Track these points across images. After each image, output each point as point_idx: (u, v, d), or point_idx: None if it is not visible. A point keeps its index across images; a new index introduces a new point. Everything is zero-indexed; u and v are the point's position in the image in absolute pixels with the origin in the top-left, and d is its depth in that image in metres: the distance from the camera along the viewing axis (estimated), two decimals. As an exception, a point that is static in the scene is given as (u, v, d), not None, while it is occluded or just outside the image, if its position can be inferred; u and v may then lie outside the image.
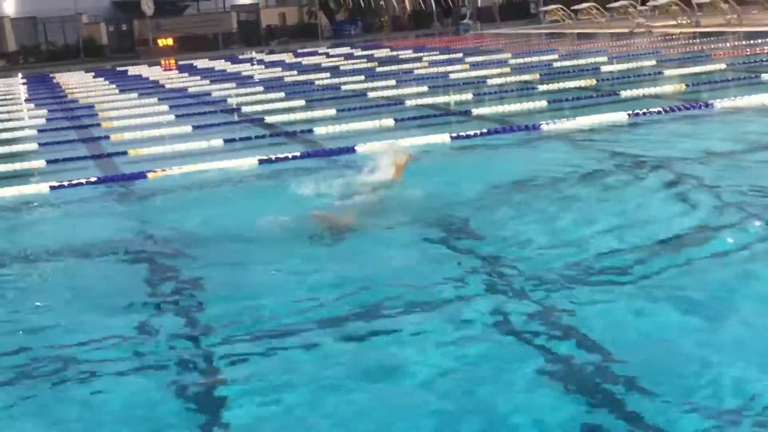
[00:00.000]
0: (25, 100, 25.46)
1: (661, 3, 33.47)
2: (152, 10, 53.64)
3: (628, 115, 12.28)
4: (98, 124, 17.39)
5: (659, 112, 12.46)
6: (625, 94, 14.87)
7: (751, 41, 22.69)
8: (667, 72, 17.68)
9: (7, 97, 27.14)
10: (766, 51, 20.02)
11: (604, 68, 19.89)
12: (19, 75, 39.01)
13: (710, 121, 12.04)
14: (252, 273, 6.80)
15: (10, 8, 56.86)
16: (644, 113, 12.36)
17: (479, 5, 51.92)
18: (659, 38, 28.11)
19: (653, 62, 19.96)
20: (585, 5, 39.36)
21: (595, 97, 15.49)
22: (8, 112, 22.01)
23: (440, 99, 17.14)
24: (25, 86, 31.63)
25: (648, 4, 33.91)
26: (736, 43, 23.42)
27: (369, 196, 8.49)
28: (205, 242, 7.83)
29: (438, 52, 30.39)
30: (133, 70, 35.69)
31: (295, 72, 27.07)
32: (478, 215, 7.97)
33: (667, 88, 15.31)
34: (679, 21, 31.96)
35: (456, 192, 8.93)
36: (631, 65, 19.85)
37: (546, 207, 8.13)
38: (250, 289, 6.40)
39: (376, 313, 5.61)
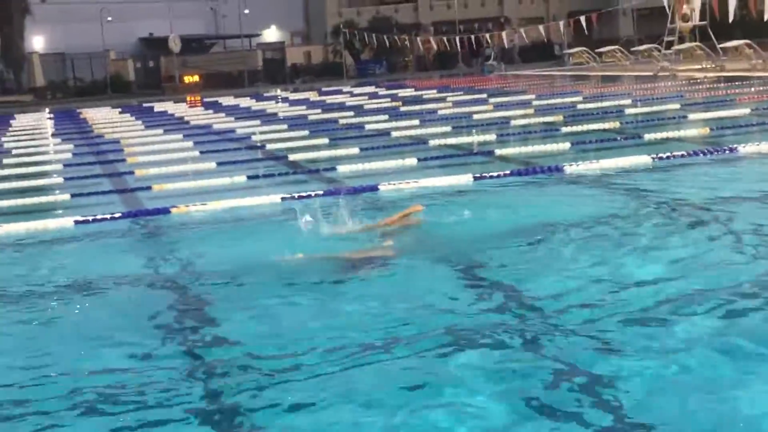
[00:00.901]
0: (52, 135, 25.70)
1: (685, 47, 33.53)
2: (179, 47, 54.21)
3: (652, 158, 12.26)
4: (123, 160, 17.53)
5: (683, 156, 12.43)
6: (648, 137, 14.86)
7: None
8: (691, 116, 17.67)
9: (35, 131, 27.41)
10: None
11: (628, 111, 19.88)
12: (47, 110, 39.42)
13: (734, 166, 12.00)
14: (274, 309, 6.80)
15: (39, 44, 57.60)
16: (668, 157, 12.34)
17: (504, 47, 52.13)
18: (683, 82, 28.12)
19: (677, 106, 19.97)
20: (609, 48, 39.50)
21: (619, 139, 15.47)
22: (35, 146, 22.23)
23: (463, 139, 17.17)
24: (52, 121, 31.93)
25: (672, 48, 33.95)
26: (761, 88, 23.38)
27: (389, 236, 8.50)
28: (227, 278, 7.84)
29: (462, 93, 30.51)
30: (159, 107, 36.01)
31: (319, 110, 27.22)
32: (498, 256, 7.95)
33: (691, 132, 15.28)
34: (703, 65, 31.98)
35: (477, 233, 8.93)
36: (655, 108, 19.87)
37: (567, 249, 8.11)
38: (272, 325, 6.40)
39: (393, 351, 5.60)
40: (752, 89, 23.33)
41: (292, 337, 6.02)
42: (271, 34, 66.80)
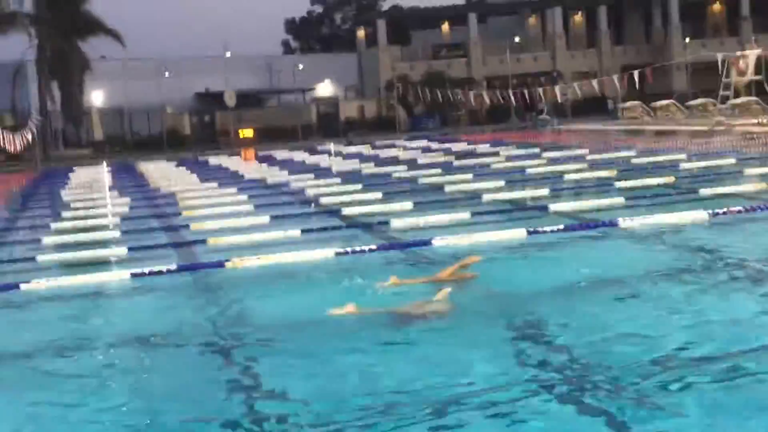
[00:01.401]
0: (110, 188, 26.07)
1: (741, 101, 33.30)
2: (234, 102, 54.95)
3: (708, 213, 12.13)
4: (179, 213, 17.70)
5: (740, 212, 12.29)
6: (704, 192, 14.72)
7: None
8: (748, 171, 17.47)
9: (93, 184, 27.85)
10: None
11: (684, 166, 19.73)
12: (105, 163, 40.04)
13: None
14: (327, 367, 6.79)
15: (98, 99, 58.73)
16: (724, 212, 12.20)
17: (557, 101, 52.13)
18: (739, 136, 27.86)
19: (733, 160, 19.77)
20: (664, 102, 39.33)
21: (674, 194, 15.35)
22: (93, 199, 22.57)
23: (517, 194, 17.13)
24: (110, 174, 32.41)
25: (728, 102, 33.73)
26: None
27: (443, 292, 8.48)
28: (280, 333, 7.88)
29: (515, 147, 30.49)
30: (214, 160, 36.43)
31: (373, 164, 27.34)
32: (552, 312, 7.90)
33: (748, 187, 15.11)
34: (759, 120, 31.70)
35: (531, 288, 8.89)
36: (710, 163, 19.70)
37: (622, 305, 8.04)
38: (325, 383, 6.40)
39: (446, 413, 5.56)
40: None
41: (347, 396, 5.99)
42: (325, 89, 67.50)
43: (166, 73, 59.78)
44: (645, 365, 6.16)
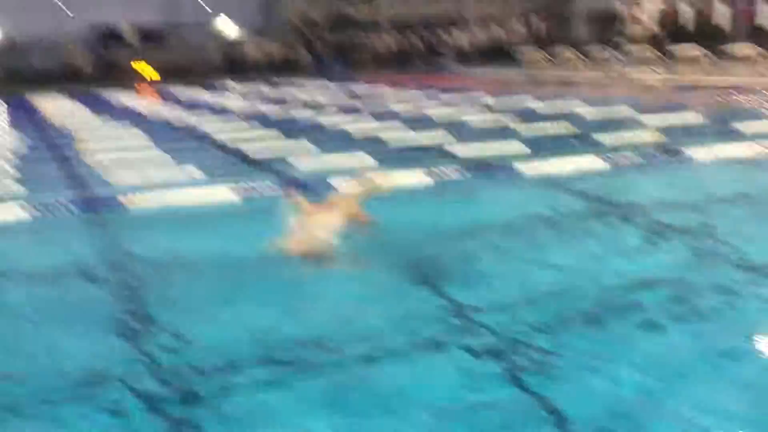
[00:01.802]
0: (3, 125, 25.36)
1: (639, 52, 33.92)
2: (135, 37, 53.76)
3: (603, 160, 12.41)
4: (76, 150, 17.34)
5: (634, 160, 12.59)
6: (600, 140, 15.01)
7: (728, 94, 22.99)
8: (644, 120, 17.85)
9: (-15, 119, 27.06)
10: (741, 103, 20.32)
11: (581, 114, 20.06)
12: (-2, 98, 38.87)
13: (685, 171, 12.19)
14: (221, 309, 6.79)
15: (-9, 31, 56.82)
16: (619, 160, 12.50)
17: (461, 47, 52.29)
18: (636, 87, 28.40)
19: (630, 110, 20.17)
20: (564, 52, 39.83)
21: (571, 142, 15.61)
22: (-14, 134, 21.94)
23: (418, 137, 17.21)
24: (4, 110, 31.50)
25: (626, 52, 34.31)
26: (714, 95, 23.68)
27: (340, 232, 8.51)
28: (177, 271, 7.84)
29: (418, 91, 30.57)
30: (113, 97, 35.68)
31: (276, 106, 27.14)
32: (450, 256, 8.02)
33: (644, 136, 15.46)
34: (657, 71, 32.36)
35: (429, 232, 8.99)
36: (607, 112, 20.06)
37: (519, 249, 8.20)
38: (218, 320, 6.42)
39: (342, 354, 5.64)
40: (705, 95, 23.62)
41: (244, 343, 6.00)
42: (229, 28, 66.47)
43: (61, 5, 58.04)
44: (536, 309, 6.33)
